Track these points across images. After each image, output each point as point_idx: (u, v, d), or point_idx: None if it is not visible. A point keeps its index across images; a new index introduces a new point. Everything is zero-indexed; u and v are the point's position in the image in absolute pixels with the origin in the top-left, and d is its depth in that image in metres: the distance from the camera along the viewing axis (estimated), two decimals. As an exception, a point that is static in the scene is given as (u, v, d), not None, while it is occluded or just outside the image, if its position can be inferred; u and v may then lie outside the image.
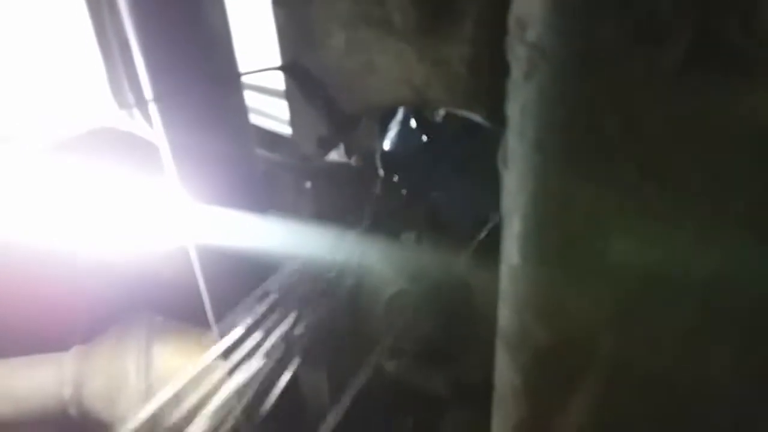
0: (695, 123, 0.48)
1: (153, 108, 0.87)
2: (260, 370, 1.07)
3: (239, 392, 1.20)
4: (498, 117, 0.71)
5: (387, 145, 1.02)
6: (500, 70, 0.62)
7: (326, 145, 0.86)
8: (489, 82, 0.68)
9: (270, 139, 1.23)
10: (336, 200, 1.41)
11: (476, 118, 0.74)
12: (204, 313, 1.41)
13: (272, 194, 1.10)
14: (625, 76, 0.48)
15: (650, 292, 0.55)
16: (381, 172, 1.02)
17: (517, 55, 0.52)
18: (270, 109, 1.16)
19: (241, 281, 1.04)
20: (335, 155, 1.09)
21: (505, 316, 0.65)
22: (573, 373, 0.62)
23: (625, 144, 0.49)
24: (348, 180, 1.34)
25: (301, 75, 0.81)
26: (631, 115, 0.48)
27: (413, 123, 0.99)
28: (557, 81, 0.50)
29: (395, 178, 1.03)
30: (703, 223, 0.51)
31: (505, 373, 0.68)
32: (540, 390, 0.65)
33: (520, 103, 0.53)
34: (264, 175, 1.09)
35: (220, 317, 1.06)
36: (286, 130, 1.22)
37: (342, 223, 1.24)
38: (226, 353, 1.09)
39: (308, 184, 1.47)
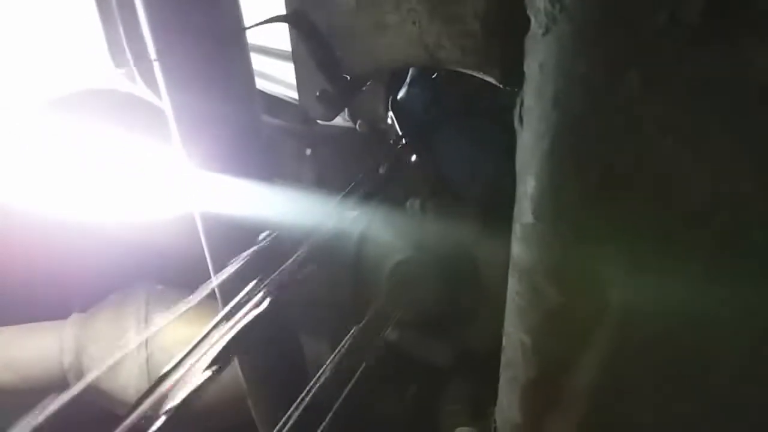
0: (715, 80, 0.48)
1: (156, 68, 0.86)
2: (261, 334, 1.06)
3: (241, 359, 1.20)
4: (512, 78, 0.70)
5: (395, 108, 1.01)
6: (516, 28, 0.61)
7: (331, 107, 0.85)
8: (504, 41, 0.67)
9: (271, 103, 1.22)
10: (338, 166, 1.40)
11: (490, 79, 0.73)
12: (203, 281, 1.40)
13: (273, 160, 1.09)
14: (646, 31, 0.47)
15: (663, 249, 0.55)
16: (398, 132, 1.00)
17: (537, 9, 0.51)
18: (271, 72, 1.14)
19: (245, 249, 1.03)
20: (339, 120, 1.08)
21: (515, 276, 0.65)
22: (582, 332, 0.62)
23: (645, 99, 0.49)
24: (350, 145, 1.33)
25: (308, 31, 0.80)
26: (653, 71, 0.48)
27: (420, 86, 0.98)
28: (578, 35, 0.49)
29: (402, 143, 1.02)
30: (720, 177, 0.50)
31: (514, 334, 0.68)
32: (549, 350, 0.66)
33: (539, 59, 0.53)
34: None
35: (222, 285, 1.05)
36: (288, 93, 1.21)
37: (344, 189, 1.23)
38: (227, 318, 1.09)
39: (309, 151, 1.46)
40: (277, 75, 1.22)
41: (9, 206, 1.33)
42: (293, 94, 1.24)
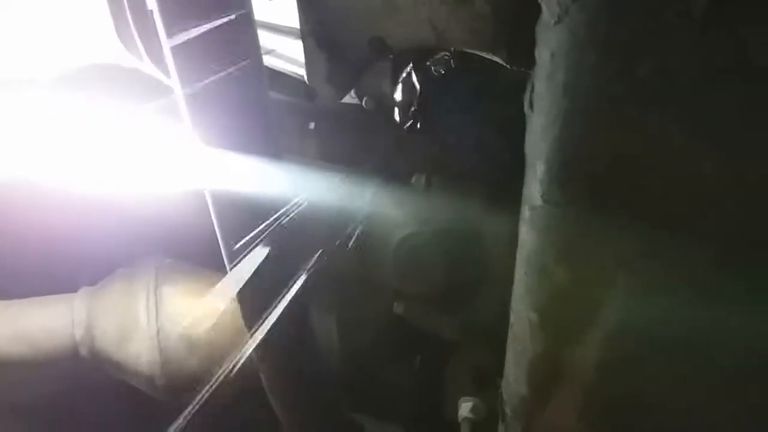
0: (726, 68, 0.49)
1: (164, 45, 0.86)
2: (272, 309, 1.08)
3: (251, 333, 1.23)
4: (520, 59, 0.71)
5: (401, 86, 1.02)
6: (525, 10, 0.62)
7: (340, 87, 0.86)
8: (513, 23, 0.68)
9: (274, 78, 1.22)
10: (340, 141, 1.41)
11: (497, 59, 0.74)
12: (211, 256, 1.42)
13: (279, 136, 1.10)
14: (657, 21, 0.49)
15: (671, 233, 0.57)
16: (406, 109, 1.02)
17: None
18: (275, 47, 1.14)
19: (254, 224, 1.04)
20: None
21: (524, 255, 0.67)
22: (587, 310, 0.64)
23: (657, 87, 0.50)
24: (353, 120, 1.34)
25: (317, 10, 0.81)
26: (665, 60, 0.49)
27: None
28: (590, 26, 0.50)
29: (408, 120, 1.03)
30: (734, 164, 0.52)
31: (521, 311, 0.70)
32: (555, 326, 0.68)
33: (551, 47, 0.54)
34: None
35: (232, 260, 1.07)
36: (291, 68, 1.21)
37: (347, 164, 1.24)
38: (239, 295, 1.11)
39: (312, 125, 1.47)
40: (280, 50, 1.22)
41: (18, 180, 1.34)
42: (296, 70, 1.24)
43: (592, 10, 0.50)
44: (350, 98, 1.08)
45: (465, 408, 1.33)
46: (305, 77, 1.07)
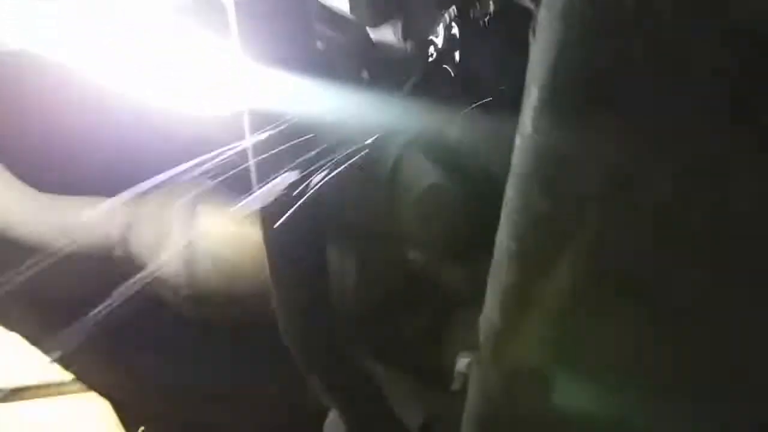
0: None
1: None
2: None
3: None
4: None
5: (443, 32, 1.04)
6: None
7: (380, 12, 0.89)
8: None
9: (335, 19, 1.25)
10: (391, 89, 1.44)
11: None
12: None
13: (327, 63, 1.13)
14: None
15: (644, 171, 0.60)
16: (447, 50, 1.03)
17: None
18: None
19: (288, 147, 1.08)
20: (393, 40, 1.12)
21: (512, 185, 0.70)
22: (562, 241, 0.67)
23: (642, 20, 0.53)
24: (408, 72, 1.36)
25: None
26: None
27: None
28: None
29: (453, 67, 1.05)
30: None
31: (503, 240, 0.73)
32: (531, 255, 0.71)
33: (552, -26, 0.57)
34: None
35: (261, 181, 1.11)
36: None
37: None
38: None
39: (365, 73, 1.50)
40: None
41: (85, 96, 1.43)
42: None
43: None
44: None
45: (461, 363, 1.34)
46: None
